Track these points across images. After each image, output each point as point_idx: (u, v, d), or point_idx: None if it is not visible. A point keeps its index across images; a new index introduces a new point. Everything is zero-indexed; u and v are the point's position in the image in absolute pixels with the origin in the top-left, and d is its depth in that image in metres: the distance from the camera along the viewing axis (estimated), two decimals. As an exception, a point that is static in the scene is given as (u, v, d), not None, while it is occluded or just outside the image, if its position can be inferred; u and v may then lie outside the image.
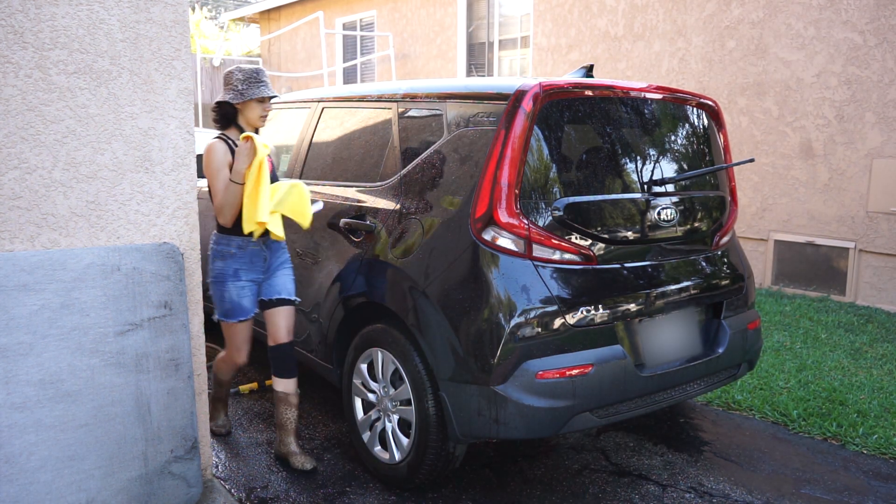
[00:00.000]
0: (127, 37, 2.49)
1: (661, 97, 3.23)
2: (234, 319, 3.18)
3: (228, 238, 3.14)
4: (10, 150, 2.31)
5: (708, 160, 3.39)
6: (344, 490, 3.10)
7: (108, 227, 2.52)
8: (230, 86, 3.12)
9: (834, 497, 3.11)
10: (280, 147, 4.23)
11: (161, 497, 2.57)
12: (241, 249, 3.15)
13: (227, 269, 3.14)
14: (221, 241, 3.16)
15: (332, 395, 4.16)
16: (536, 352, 2.65)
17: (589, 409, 2.74)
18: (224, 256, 3.15)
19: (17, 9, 2.29)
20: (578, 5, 8.55)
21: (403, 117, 3.25)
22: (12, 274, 2.30)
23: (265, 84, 3.13)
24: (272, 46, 14.95)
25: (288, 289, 3.28)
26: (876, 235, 6.16)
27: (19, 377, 2.29)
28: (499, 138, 2.74)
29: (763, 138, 6.89)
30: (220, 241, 3.16)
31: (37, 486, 2.32)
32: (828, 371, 4.51)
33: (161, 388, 2.55)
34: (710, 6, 7.22)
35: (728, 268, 3.35)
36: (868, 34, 6.10)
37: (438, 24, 10.78)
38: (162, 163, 2.60)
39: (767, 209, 6.91)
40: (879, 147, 6.09)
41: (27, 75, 2.32)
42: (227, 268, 3.14)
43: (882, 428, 3.71)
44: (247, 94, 3.09)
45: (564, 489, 3.14)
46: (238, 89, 3.10)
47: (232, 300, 3.15)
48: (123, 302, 2.48)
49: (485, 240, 2.70)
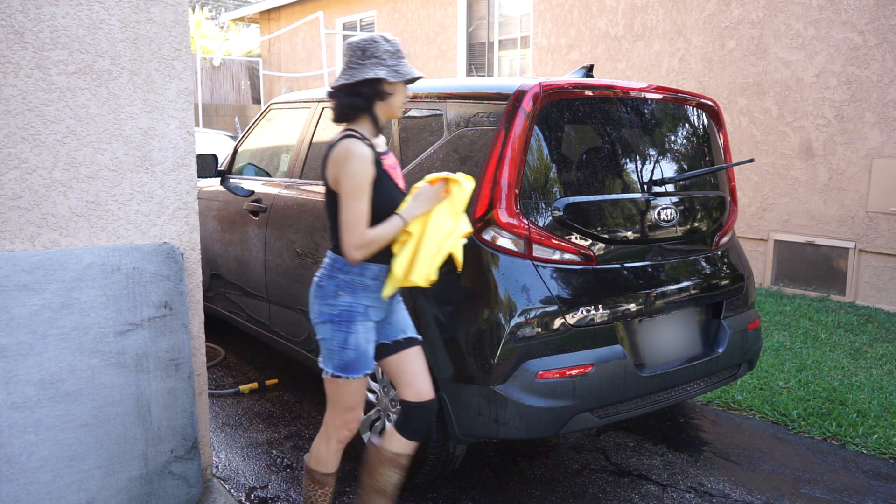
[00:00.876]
0: (127, 37, 2.49)
1: (661, 97, 3.23)
2: (359, 374, 2.36)
3: (363, 265, 2.34)
4: (11, 150, 2.32)
5: (708, 160, 3.39)
6: (344, 490, 3.10)
7: (108, 227, 2.52)
8: (376, 58, 2.29)
9: (834, 497, 3.12)
10: (280, 147, 4.23)
11: (161, 497, 2.57)
12: (376, 281, 2.37)
13: (356, 307, 2.34)
14: (350, 268, 2.34)
15: (332, 395, 4.16)
16: (536, 352, 2.65)
17: (589, 409, 2.74)
18: (354, 290, 2.34)
19: (18, 9, 2.29)
20: (578, 5, 8.55)
21: (403, 117, 3.25)
22: (12, 274, 2.30)
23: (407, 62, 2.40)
24: (272, 46, 14.95)
25: (412, 325, 2.56)
26: (876, 235, 6.16)
27: (19, 377, 2.29)
28: (499, 138, 2.74)
29: (763, 138, 6.89)
30: (349, 269, 2.34)
31: (37, 486, 2.32)
32: (828, 371, 4.51)
33: (161, 388, 2.55)
34: (710, 6, 7.22)
35: (728, 268, 3.35)
36: (868, 34, 6.10)
37: (438, 24, 10.78)
38: (162, 163, 2.60)
39: (767, 209, 6.91)
40: (879, 147, 6.09)
41: (27, 75, 2.32)
42: (358, 304, 2.34)
43: (882, 428, 3.71)
44: (402, 71, 2.32)
45: (564, 489, 3.14)
46: (389, 64, 2.30)
47: (359, 346, 2.34)
48: (123, 302, 2.48)
49: (485, 240, 2.70)
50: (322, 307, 2.35)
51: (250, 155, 4.52)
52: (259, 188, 4.11)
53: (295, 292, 3.66)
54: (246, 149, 4.57)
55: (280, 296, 3.81)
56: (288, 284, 3.72)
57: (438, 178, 2.37)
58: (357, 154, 2.22)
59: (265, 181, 4.14)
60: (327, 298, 2.34)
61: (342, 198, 2.25)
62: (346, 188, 2.23)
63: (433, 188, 2.35)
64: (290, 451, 3.47)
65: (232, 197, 4.32)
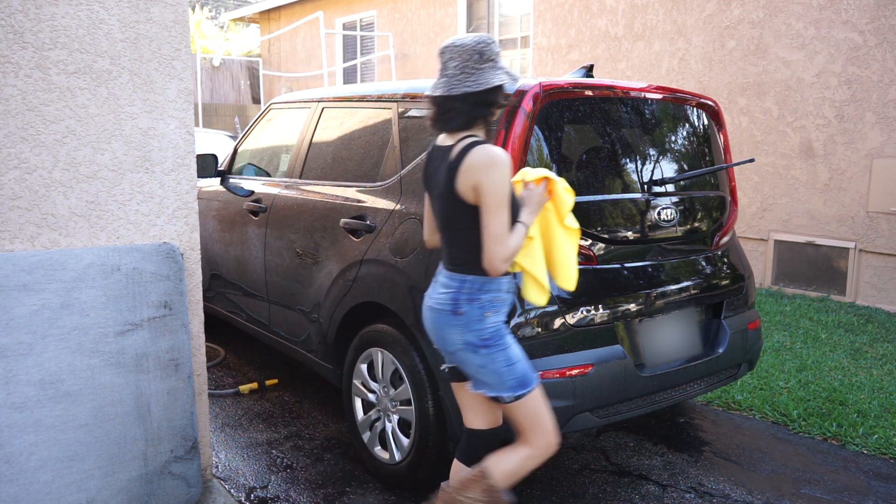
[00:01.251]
0: (127, 37, 2.49)
1: (661, 97, 3.22)
2: (535, 381, 2.25)
3: (499, 280, 2.21)
4: (10, 150, 2.31)
5: (708, 160, 3.38)
6: (344, 490, 3.10)
7: (108, 227, 2.52)
8: (492, 62, 2.15)
9: (834, 497, 3.11)
10: (280, 147, 4.23)
11: (161, 497, 2.57)
12: (510, 293, 2.27)
13: (500, 323, 2.22)
14: (490, 285, 2.19)
15: (332, 395, 4.16)
16: (536, 352, 2.65)
17: (589, 409, 2.74)
18: (497, 306, 2.21)
19: (17, 9, 2.29)
20: (578, 5, 8.55)
21: (403, 117, 3.25)
22: (12, 274, 2.30)
23: None
24: (272, 46, 14.95)
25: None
26: (876, 235, 6.16)
27: (19, 377, 2.29)
28: (499, 138, 2.74)
29: (763, 138, 6.89)
30: (488, 287, 2.19)
31: (37, 486, 2.32)
32: (828, 371, 4.51)
33: (161, 388, 2.55)
34: (710, 6, 7.22)
35: (728, 268, 3.35)
36: (868, 34, 6.10)
37: (438, 24, 10.78)
38: (162, 163, 2.60)
39: (767, 209, 6.91)
40: (879, 147, 6.09)
41: (27, 75, 2.32)
42: (501, 319, 2.23)
43: (882, 428, 3.71)
44: (515, 76, 2.23)
45: (564, 489, 3.14)
46: (502, 68, 2.18)
47: (521, 355, 2.23)
48: (123, 302, 2.48)
49: (485, 240, 2.70)
50: (467, 335, 2.17)
51: (250, 155, 4.52)
52: (259, 188, 4.11)
53: (295, 292, 3.66)
54: (246, 149, 4.57)
55: (280, 296, 3.81)
56: (288, 284, 3.72)
57: (539, 177, 2.26)
58: (504, 161, 2.07)
59: (265, 181, 4.14)
60: (472, 324, 2.16)
61: (488, 208, 2.08)
62: (494, 198, 2.07)
63: (539, 190, 2.25)
64: (290, 451, 3.47)
65: (232, 197, 4.32)
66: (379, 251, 3.09)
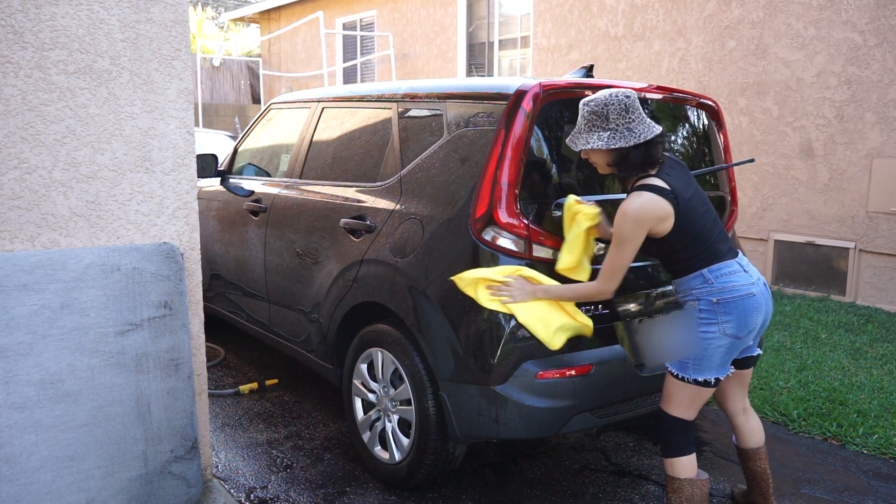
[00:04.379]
0: (127, 37, 2.49)
1: (662, 97, 3.22)
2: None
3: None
4: (10, 150, 2.31)
5: (708, 160, 3.38)
6: (344, 490, 3.10)
7: (108, 227, 2.52)
8: (639, 114, 2.48)
9: (834, 497, 3.11)
10: (280, 147, 4.23)
11: (161, 497, 2.57)
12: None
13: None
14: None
15: (332, 395, 4.17)
16: (536, 352, 2.65)
17: (589, 409, 2.74)
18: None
19: (17, 9, 2.29)
20: (578, 5, 8.55)
21: (403, 117, 3.25)
22: (12, 274, 2.30)
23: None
24: (272, 46, 14.95)
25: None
26: (876, 235, 6.16)
27: (19, 377, 2.29)
28: (499, 138, 2.74)
29: (763, 138, 6.89)
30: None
31: (37, 486, 2.32)
32: (828, 371, 4.51)
33: (161, 388, 2.55)
34: (710, 6, 7.22)
35: (728, 268, 3.35)
36: (868, 34, 6.10)
37: (438, 24, 10.78)
38: (162, 163, 2.60)
39: (767, 209, 6.91)
40: (879, 147, 6.09)
41: (27, 75, 2.32)
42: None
43: (882, 428, 3.71)
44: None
45: (564, 489, 3.14)
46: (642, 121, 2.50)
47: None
48: (123, 302, 2.48)
49: (485, 240, 2.70)
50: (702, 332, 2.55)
51: (250, 155, 4.52)
52: (259, 188, 4.11)
53: (295, 292, 3.66)
54: (246, 149, 4.57)
55: (280, 296, 3.81)
56: (288, 284, 3.72)
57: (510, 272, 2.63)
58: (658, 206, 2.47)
59: (265, 181, 4.14)
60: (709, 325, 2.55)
61: (624, 239, 2.49)
62: (632, 231, 2.48)
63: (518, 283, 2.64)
64: (290, 451, 3.47)
65: (232, 197, 4.32)
66: (379, 251, 3.09)
